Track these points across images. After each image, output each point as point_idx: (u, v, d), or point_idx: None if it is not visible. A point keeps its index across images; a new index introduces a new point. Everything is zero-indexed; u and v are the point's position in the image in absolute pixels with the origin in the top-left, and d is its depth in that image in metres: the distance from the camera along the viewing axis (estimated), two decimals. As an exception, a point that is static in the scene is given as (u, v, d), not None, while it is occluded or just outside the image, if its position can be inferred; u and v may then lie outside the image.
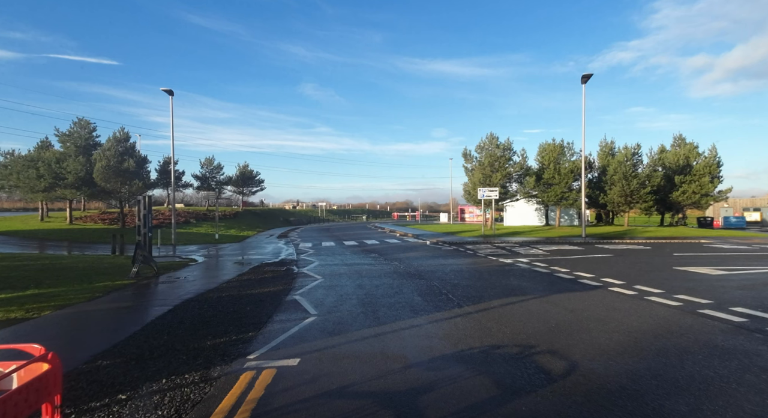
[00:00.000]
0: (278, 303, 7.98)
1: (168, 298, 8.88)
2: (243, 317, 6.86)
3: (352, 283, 10.09)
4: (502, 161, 26.48)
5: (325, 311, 7.25)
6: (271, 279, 11.01)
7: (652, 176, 25.47)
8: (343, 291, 9.06)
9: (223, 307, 7.69)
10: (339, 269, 12.70)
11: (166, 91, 22.10)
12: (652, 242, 19.57)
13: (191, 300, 8.45)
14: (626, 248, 17.36)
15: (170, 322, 6.59)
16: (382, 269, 12.47)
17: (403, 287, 9.29)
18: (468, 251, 17.40)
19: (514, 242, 20.67)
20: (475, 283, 9.75)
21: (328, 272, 12.11)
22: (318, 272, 12.08)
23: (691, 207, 28.80)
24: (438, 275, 10.97)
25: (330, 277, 11.19)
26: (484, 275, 11.04)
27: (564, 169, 26.08)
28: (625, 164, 25.98)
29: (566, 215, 37.44)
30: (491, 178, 26.10)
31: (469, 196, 28.18)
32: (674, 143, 29.19)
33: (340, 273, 11.87)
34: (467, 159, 28.36)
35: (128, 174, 24.88)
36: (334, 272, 12.26)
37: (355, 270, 12.44)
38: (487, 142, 26.94)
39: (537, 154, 28.73)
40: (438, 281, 9.97)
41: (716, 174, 26.84)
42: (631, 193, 25.64)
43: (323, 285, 9.92)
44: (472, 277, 10.76)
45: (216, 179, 48.51)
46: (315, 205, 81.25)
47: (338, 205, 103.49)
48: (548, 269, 11.56)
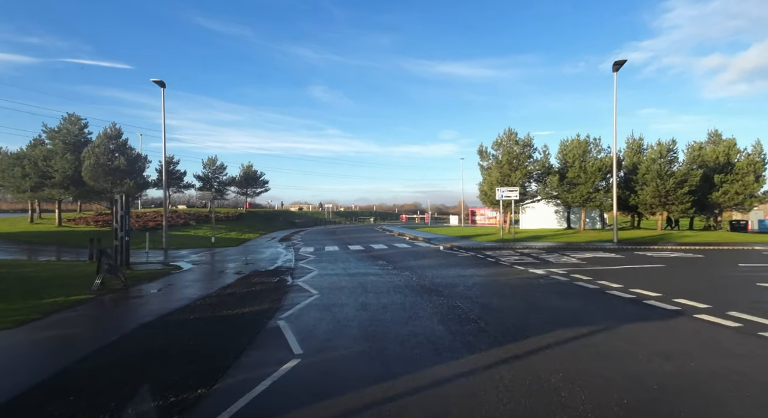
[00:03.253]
0: (255, 332, 6.05)
1: (121, 322, 7.01)
2: (200, 356, 4.94)
3: (354, 301, 8.12)
4: (522, 159, 24.32)
5: (313, 348, 5.29)
6: (257, 294, 9.09)
7: (690, 175, 23.09)
8: (341, 314, 7.10)
9: (182, 338, 5.78)
10: (340, 281, 10.74)
11: (156, 82, 20.42)
12: (700, 249, 17.27)
13: (147, 326, 6.56)
14: (674, 255, 15.08)
15: (97, 365, 4.68)
16: (391, 282, 10.49)
17: (419, 309, 7.29)
18: (489, 258, 15.33)
19: (539, 248, 18.52)
20: (510, 303, 7.72)
21: (326, 285, 10.16)
22: (315, 285, 10.13)
23: (733, 209, 26.36)
24: (460, 291, 8.95)
25: (328, 292, 9.24)
26: (518, 291, 8.99)
27: (591, 168, 23.80)
28: (658, 162, 23.66)
29: (587, 218, 35.07)
30: (510, 177, 23.96)
31: (486, 197, 26.08)
32: (709, 140, 26.80)
33: (341, 287, 9.90)
34: (483, 156, 26.21)
35: (119, 173, 23.29)
36: (333, 284, 10.30)
37: (358, 282, 10.47)
38: (505, 138, 24.80)
39: (558, 152, 26.57)
40: (462, 300, 7.95)
41: (761, 173, 24.37)
42: (666, 194, 23.28)
43: (318, 304, 7.97)
44: (503, 294, 8.72)
45: (219, 180, 47.00)
46: (322, 206, 79.61)
47: (346, 207, 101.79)
48: (595, 284, 9.46)
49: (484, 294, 8.67)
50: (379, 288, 9.55)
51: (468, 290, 9.18)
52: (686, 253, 15.71)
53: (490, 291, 9.04)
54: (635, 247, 18.06)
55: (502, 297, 8.35)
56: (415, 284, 9.99)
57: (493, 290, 9.21)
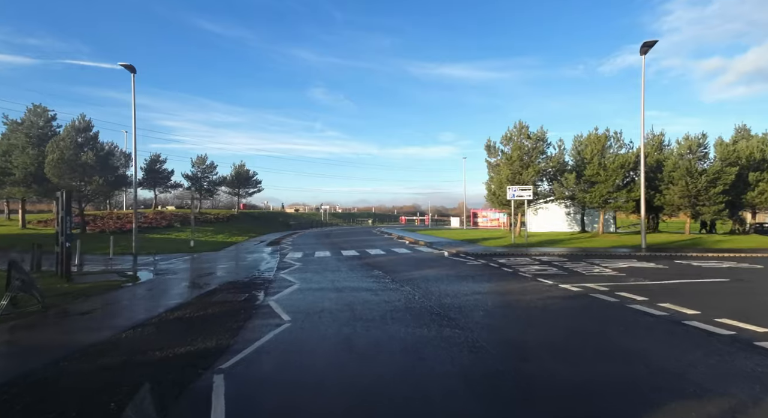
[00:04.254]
0: (176, 396, 3.74)
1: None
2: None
3: (336, 335, 5.83)
4: (534, 155, 22.03)
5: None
6: (210, 321, 6.79)
7: (724, 173, 20.78)
8: (314, 360, 4.80)
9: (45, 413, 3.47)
10: (323, 301, 8.43)
11: (125, 66, 18.12)
12: (750, 257, 14.85)
13: (12, 384, 4.24)
14: (728, 266, 12.58)
15: None
16: (387, 302, 8.18)
17: (427, 352, 4.99)
18: (504, 267, 13.01)
19: (558, 255, 16.21)
20: (554, 340, 5.41)
21: (304, 307, 7.85)
22: (290, 307, 7.83)
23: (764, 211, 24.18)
24: (480, 319, 6.64)
25: (304, 317, 6.93)
26: (559, 319, 6.67)
27: (611, 165, 21.49)
28: (687, 158, 21.36)
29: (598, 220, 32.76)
30: (521, 175, 21.65)
31: (494, 198, 23.78)
32: (737, 136, 24.58)
33: (322, 309, 7.60)
34: (491, 152, 23.87)
35: (87, 169, 20.98)
36: (314, 305, 7.99)
37: (346, 303, 8.16)
38: (516, 132, 22.48)
39: (572, 148, 24.30)
40: (486, 335, 5.65)
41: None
42: (696, 194, 20.99)
43: (286, 340, 5.68)
44: (539, 323, 6.42)
45: (209, 179, 44.65)
46: (318, 208, 77.30)
47: (345, 208, 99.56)
48: (659, 309, 7.15)
49: (514, 325, 6.36)
50: (371, 313, 7.23)
51: (490, 316, 6.87)
52: (739, 262, 13.37)
53: (522, 319, 6.72)
54: (670, 254, 15.74)
55: (539, 328, 6.04)
56: (419, 307, 7.67)
57: (525, 317, 6.89)
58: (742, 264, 12.82)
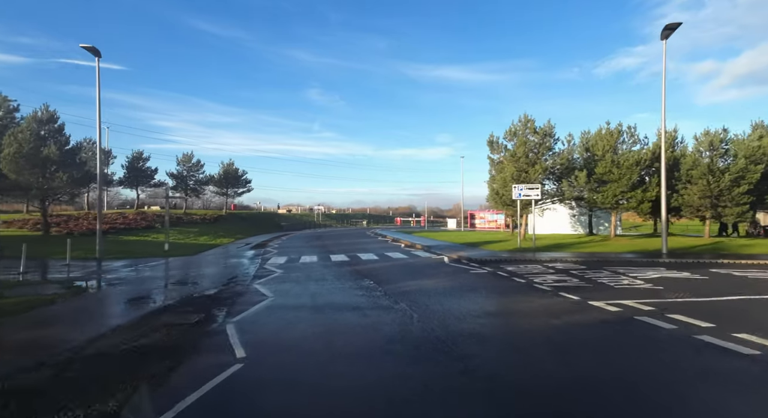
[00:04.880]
0: None
1: None
2: None
3: (306, 388, 3.97)
4: (541, 151, 20.26)
5: None
6: (135, 360, 4.95)
7: (749, 171, 19.12)
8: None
9: None
10: (296, 326, 6.60)
11: (88, 49, 16.18)
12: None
13: None
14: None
15: None
16: (377, 327, 6.37)
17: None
18: (515, 277, 11.21)
19: (573, 261, 14.47)
20: (619, 400, 3.59)
21: (268, 337, 6.03)
22: (251, 336, 5.99)
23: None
24: (499, 353, 4.84)
25: (267, 349, 5.11)
26: (614, 362, 4.85)
27: (625, 162, 19.77)
28: (707, 155, 19.65)
29: (606, 222, 31.16)
30: (527, 173, 19.86)
31: (497, 197, 21.97)
32: (753, 134, 22.94)
33: (293, 340, 5.78)
34: (494, 148, 22.02)
35: (49, 164, 18.98)
36: (283, 333, 6.17)
37: (325, 329, 6.33)
38: (521, 126, 20.67)
39: (579, 145, 22.58)
40: (517, 384, 3.82)
41: None
42: (719, 194, 19.31)
43: (228, 400, 3.82)
44: (585, 363, 4.60)
45: (195, 178, 42.59)
46: (312, 209, 75.30)
47: (339, 209, 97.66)
48: (738, 342, 5.38)
49: (552, 367, 4.54)
50: (357, 347, 5.40)
51: (515, 352, 5.07)
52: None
53: (558, 357, 4.90)
54: (698, 261, 14.03)
55: (592, 378, 4.23)
56: (419, 336, 5.86)
57: (561, 352, 5.08)
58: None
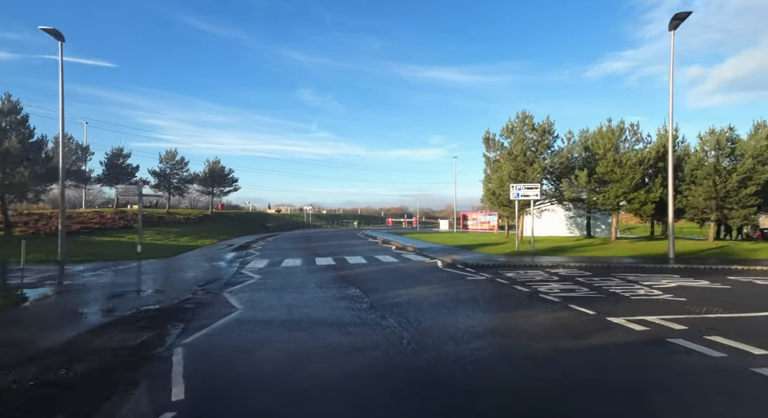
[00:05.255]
0: None
1: None
2: None
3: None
4: (540, 149, 19.22)
5: None
6: (19, 410, 3.69)
7: (756, 171, 18.29)
8: None
9: None
10: (263, 345, 5.41)
11: (49, 31, 14.77)
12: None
13: None
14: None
15: None
16: (361, 349, 5.21)
17: None
18: (516, 285, 10.11)
19: (576, 267, 13.44)
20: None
21: (225, 358, 4.82)
22: (201, 360, 4.77)
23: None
24: (513, 396, 3.67)
25: (216, 386, 3.87)
26: (655, 405, 3.72)
27: (629, 161, 18.83)
28: (713, 154, 18.80)
29: (603, 225, 30.34)
30: (525, 172, 18.81)
31: (493, 198, 20.90)
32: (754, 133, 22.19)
33: (255, 364, 4.56)
34: (490, 146, 20.91)
35: (10, 158, 17.44)
36: (241, 357, 4.96)
37: (302, 351, 5.13)
38: (518, 122, 19.60)
39: (577, 144, 21.62)
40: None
41: None
42: (726, 195, 18.43)
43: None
44: (618, 406, 3.46)
45: (179, 176, 40.98)
46: (302, 209, 73.81)
47: (330, 210, 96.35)
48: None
49: (578, 414, 3.40)
50: (335, 378, 4.20)
51: (536, 390, 3.91)
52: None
53: (582, 395, 3.76)
54: (711, 267, 13.09)
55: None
56: (409, 362, 4.71)
57: (584, 388, 3.94)
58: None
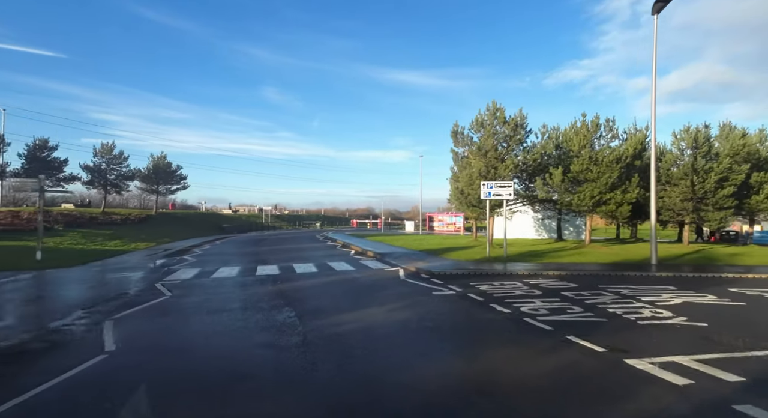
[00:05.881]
0: None
1: None
2: None
3: None
4: (512, 145, 17.62)
5: None
6: None
7: (733, 171, 17.53)
8: None
9: None
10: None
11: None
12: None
13: None
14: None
15: None
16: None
17: None
18: (493, 303, 8.16)
19: (557, 276, 11.75)
20: None
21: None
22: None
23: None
24: None
25: None
26: None
27: (605, 159, 17.60)
28: (689, 153, 17.89)
29: (572, 227, 29.48)
30: (497, 169, 17.13)
31: (461, 197, 19.12)
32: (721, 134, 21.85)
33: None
34: (458, 140, 19.04)
35: None
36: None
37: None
38: (489, 115, 17.87)
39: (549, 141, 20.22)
40: None
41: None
42: (703, 196, 17.57)
43: None
44: None
45: (117, 172, 36.78)
46: (262, 209, 70.00)
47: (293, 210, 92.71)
48: None
49: None
50: None
51: None
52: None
53: None
54: (702, 275, 11.77)
55: None
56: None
57: None
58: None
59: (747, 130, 19.88)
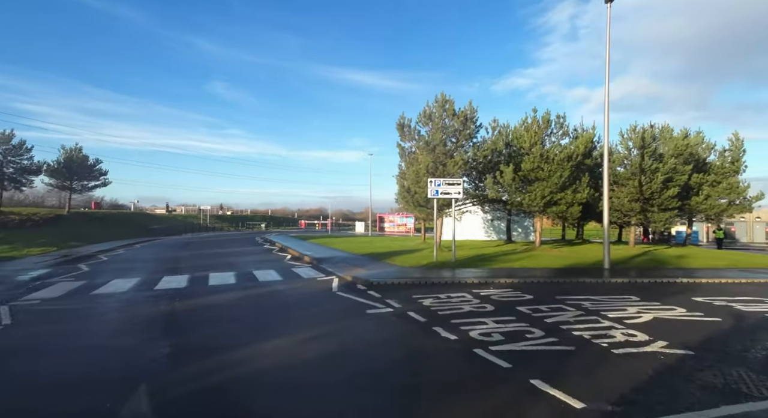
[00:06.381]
0: None
1: None
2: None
3: None
4: (461, 139, 16.35)
5: None
6: None
7: (677, 172, 17.41)
8: None
9: None
10: None
11: None
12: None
13: None
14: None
15: None
16: None
17: None
18: (437, 326, 6.57)
19: (510, 285, 10.45)
20: None
21: None
22: None
23: (711, 220, 22.15)
24: None
25: None
26: None
27: (557, 157, 16.94)
28: (637, 152, 17.57)
29: (520, 228, 29.11)
30: (445, 166, 15.76)
31: (408, 196, 17.58)
32: (661, 136, 22.14)
33: None
34: (405, 134, 17.43)
35: None
36: None
37: None
38: (437, 107, 16.44)
39: (499, 137, 19.32)
40: None
41: (741, 173, 20.11)
42: (650, 196, 17.32)
43: None
44: None
45: (17, 165, 31.68)
46: (202, 209, 65.00)
47: (237, 211, 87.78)
48: None
49: None
50: None
51: None
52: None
53: None
54: (657, 281, 10.99)
55: None
56: None
57: None
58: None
59: (689, 130, 20.20)
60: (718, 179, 19.63)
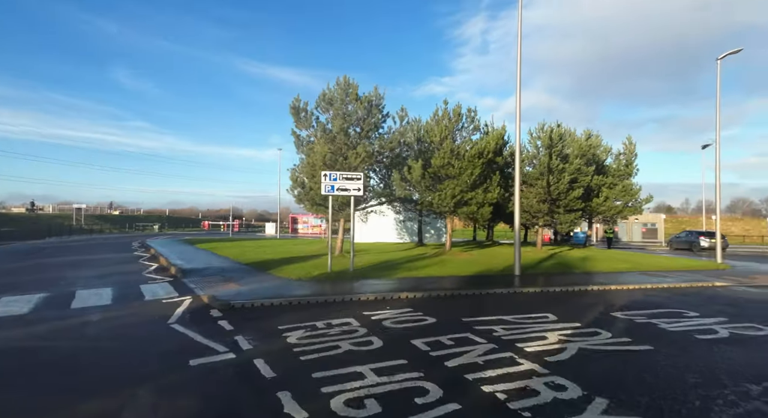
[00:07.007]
0: None
1: None
2: None
3: None
4: (366, 128, 14.28)
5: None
6: None
7: (581, 173, 17.35)
8: None
9: None
10: None
11: None
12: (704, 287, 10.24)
13: None
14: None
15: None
16: None
17: None
18: (284, 388, 4.25)
19: (408, 304, 8.59)
20: None
21: None
22: None
23: (608, 221, 22.89)
24: None
25: None
26: None
27: (468, 153, 15.76)
28: (545, 152, 17.13)
29: (432, 229, 28.16)
30: (347, 158, 13.53)
31: (303, 193, 15.04)
32: (565, 138, 22.60)
33: None
34: (301, 120, 14.81)
35: None
36: None
37: None
38: (339, 91, 14.16)
39: (409, 130, 17.74)
40: None
41: (634, 176, 21.08)
42: (557, 197, 16.97)
43: None
44: None
45: None
46: (78, 208, 55.21)
47: (127, 210, 77.14)
48: None
49: None
50: None
51: None
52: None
53: None
54: (569, 289, 9.92)
55: None
56: None
57: None
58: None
59: (591, 132, 20.69)
60: (615, 181, 20.39)
